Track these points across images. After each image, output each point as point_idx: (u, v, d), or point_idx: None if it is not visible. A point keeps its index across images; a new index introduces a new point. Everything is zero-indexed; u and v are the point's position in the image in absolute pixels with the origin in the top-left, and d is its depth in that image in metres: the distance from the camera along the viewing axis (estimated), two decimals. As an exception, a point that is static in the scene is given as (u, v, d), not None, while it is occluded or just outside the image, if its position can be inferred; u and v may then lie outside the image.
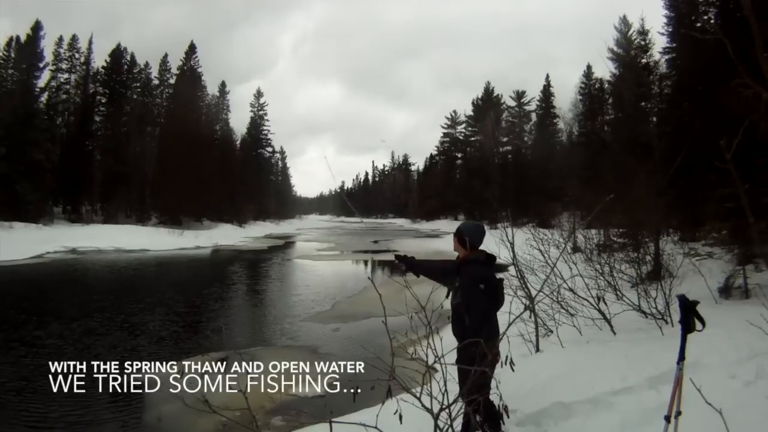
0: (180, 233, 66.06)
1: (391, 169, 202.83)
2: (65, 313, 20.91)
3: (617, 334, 11.58)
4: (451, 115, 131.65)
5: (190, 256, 49.14)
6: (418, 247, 57.14)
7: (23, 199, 64.03)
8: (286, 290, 28.79)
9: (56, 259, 42.64)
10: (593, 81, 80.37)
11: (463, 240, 6.74)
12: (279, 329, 18.76)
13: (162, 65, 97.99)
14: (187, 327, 19.14)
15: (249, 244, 66.32)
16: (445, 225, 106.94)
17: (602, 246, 20.77)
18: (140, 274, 35.64)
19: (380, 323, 15.37)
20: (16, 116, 66.61)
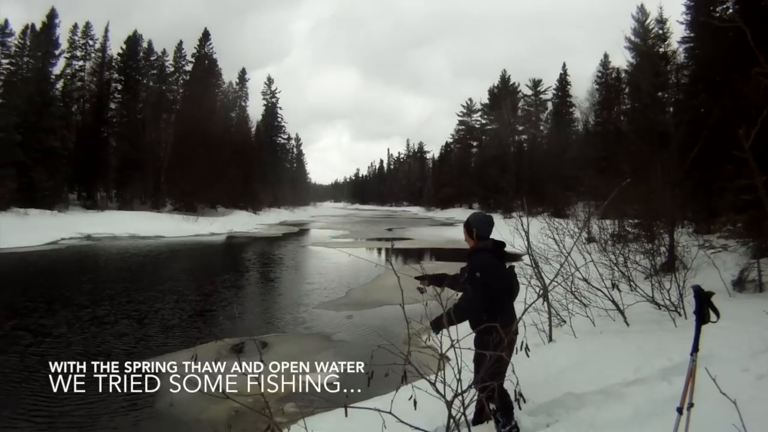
0: (195, 220, 66.46)
1: (407, 156, 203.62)
2: (75, 299, 21.03)
3: (630, 325, 11.60)
4: (467, 103, 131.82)
5: (205, 243, 49.23)
6: (433, 236, 57.70)
7: (39, 186, 64.13)
8: (300, 277, 28.68)
9: (71, 246, 42.75)
10: (610, 70, 79.88)
11: (471, 231, 6.94)
12: (292, 316, 18.66)
13: (177, 52, 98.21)
14: (200, 314, 19.06)
15: (263, 231, 66.30)
16: (460, 213, 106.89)
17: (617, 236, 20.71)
18: (154, 261, 35.64)
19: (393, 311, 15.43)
20: (32, 104, 66.74)
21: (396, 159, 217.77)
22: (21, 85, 69.48)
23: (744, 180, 14.99)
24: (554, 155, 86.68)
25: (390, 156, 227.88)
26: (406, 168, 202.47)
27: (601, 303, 12.14)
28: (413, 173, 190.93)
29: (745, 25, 12.23)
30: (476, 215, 7.05)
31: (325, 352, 13.66)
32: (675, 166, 22.16)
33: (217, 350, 13.35)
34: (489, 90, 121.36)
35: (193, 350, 13.44)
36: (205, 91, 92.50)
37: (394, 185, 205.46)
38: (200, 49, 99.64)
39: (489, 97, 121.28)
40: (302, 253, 42.09)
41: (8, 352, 13.76)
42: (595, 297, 12.24)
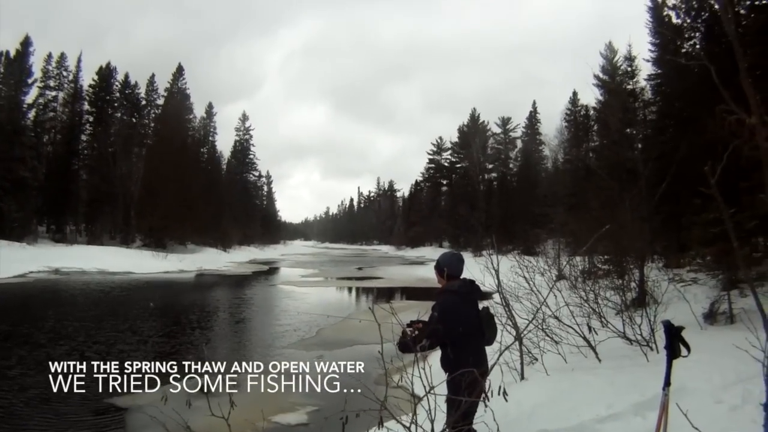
0: (164, 256, 65.80)
1: (377, 195, 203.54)
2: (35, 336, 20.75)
3: (602, 361, 11.61)
4: (437, 142, 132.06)
5: (174, 280, 48.86)
6: (403, 275, 57.79)
7: (8, 217, 63.69)
8: (270, 316, 28.67)
9: (39, 279, 42.59)
10: (579, 108, 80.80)
11: (441, 270, 6.87)
12: (262, 355, 18.40)
13: (149, 86, 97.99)
14: (169, 353, 18.57)
15: (233, 269, 65.98)
16: (430, 252, 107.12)
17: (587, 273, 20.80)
18: (122, 297, 35.21)
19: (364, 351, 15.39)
20: (3, 132, 66.36)
21: (366, 197, 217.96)
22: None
23: (711, 213, 15.19)
24: (524, 193, 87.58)
25: (360, 194, 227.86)
26: (376, 206, 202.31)
27: (573, 340, 12.14)
28: (383, 212, 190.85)
29: (709, 62, 12.38)
30: (446, 255, 7.04)
31: (295, 393, 13.39)
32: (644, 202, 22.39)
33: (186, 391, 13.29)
34: (459, 128, 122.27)
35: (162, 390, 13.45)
36: (177, 125, 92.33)
37: (365, 224, 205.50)
38: (173, 84, 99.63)
39: (459, 135, 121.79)
40: (272, 292, 41.81)
41: None
42: (566, 334, 12.25)
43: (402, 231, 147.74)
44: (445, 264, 6.80)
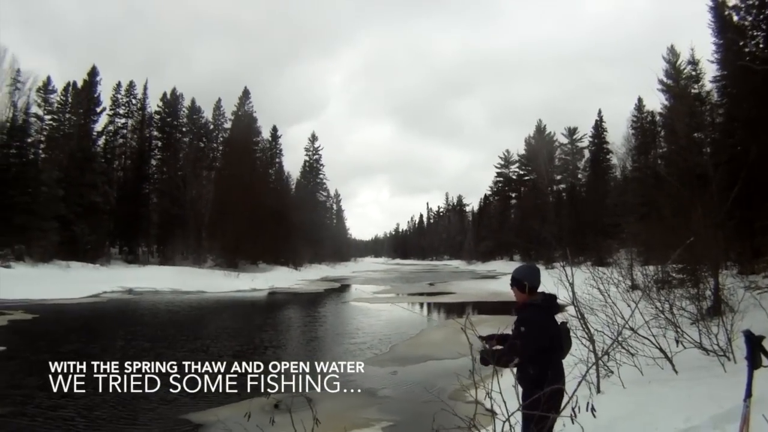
0: (236, 276, 66.01)
1: (446, 210, 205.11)
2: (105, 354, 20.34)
3: (679, 373, 11.28)
4: (504, 155, 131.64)
5: (246, 299, 48.86)
6: (475, 289, 57.42)
7: (81, 240, 65.67)
8: (343, 333, 28.17)
9: (113, 299, 43.03)
10: (645, 114, 79.34)
11: (521, 285, 6.60)
12: (336, 372, 18.01)
13: (216, 110, 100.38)
14: (242, 368, 18.37)
15: (305, 287, 65.49)
16: (501, 266, 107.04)
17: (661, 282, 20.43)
18: (195, 316, 35.48)
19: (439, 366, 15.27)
20: (74, 159, 68.89)
21: (435, 213, 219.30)
22: (63, 140, 72.11)
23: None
24: (594, 203, 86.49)
25: (429, 210, 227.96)
26: (445, 221, 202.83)
27: (649, 351, 11.92)
28: (453, 226, 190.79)
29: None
30: (523, 268, 6.83)
31: (370, 408, 13.46)
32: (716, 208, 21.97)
33: (260, 407, 13.16)
34: (525, 140, 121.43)
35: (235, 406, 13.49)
36: (245, 148, 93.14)
37: (435, 239, 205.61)
38: (240, 107, 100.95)
39: (525, 147, 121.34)
40: (344, 309, 41.51)
41: (29, 414, 13.29)
42: (642, 345, 12.03)
43: (472, 245, 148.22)
44: (524, 278, 6.58)
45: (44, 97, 75.63)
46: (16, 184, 60.17)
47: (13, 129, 63.78)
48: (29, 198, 60.49)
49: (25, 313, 31.44)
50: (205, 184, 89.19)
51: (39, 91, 73.90)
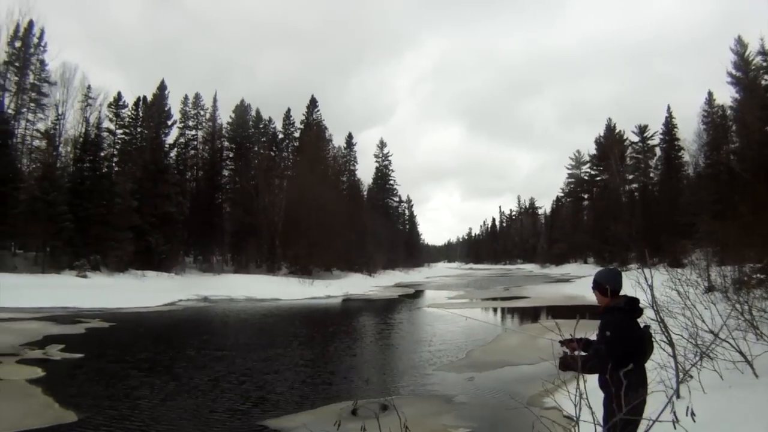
0: (310, 283, 66.35)
1: (518, 213, 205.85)
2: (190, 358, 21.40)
3: (759, 377, 11.11)
4: (575, 155, 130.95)
5: (321, 306, 48.80)
6: (550, 293, 56.90)
7: (156, 250, 67.01)
8: (418, 339, 27.97)
9: (188, 307, 43.22)
10: (716, 108, 77.61)
11: (603, 289, 6.46)
12: (412, 378, 18.03)
13: (285, 119, 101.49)
14: (318, 376, 18.60)
15: (379, 293, 65.56)
16: (575, 269, 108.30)
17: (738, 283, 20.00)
18: (269, 323, 35.43)
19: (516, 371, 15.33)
20: (148, 171, 70.28)
21: (508, 216, 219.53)
22: (136, 153, 74.15)
23: None
24: (667, 202, 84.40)
25: (502, 213, 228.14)
26: (518, 225, 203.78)
27: (729, 355, 11.72)
28: (526, 230, 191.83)
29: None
30: (605, 272, 6.74)
31: (447, 414, 13.11)
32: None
33: (338, 413, 13.14)
34: (595, 140, 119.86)
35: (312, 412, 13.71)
36: (316, 156, 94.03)
37: (508, 243, 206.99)
38: (308, 116, 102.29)
39: (596, 147, 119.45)
40: (419, 315, 41.18)
41: (101, 421, 12.92)
42: (722, 349, 11.84)
43: (545, 248, 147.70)
44: (606, 281, 6.45)
45: (116, 112, 77.67)
46: (91, 196, 61.43)
47: (87, 143, 65.28)
48: (104, 210, 61.73)
49: (102, 322, 31.67)
50: (277, 193, 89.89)
51: (110, 106, 75.99)
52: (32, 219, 54.73)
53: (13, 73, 64.27)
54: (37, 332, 26.09)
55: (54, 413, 13.22)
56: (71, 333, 26.79)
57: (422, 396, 15.39)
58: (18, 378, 16.70)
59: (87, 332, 27.76)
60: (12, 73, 64.14)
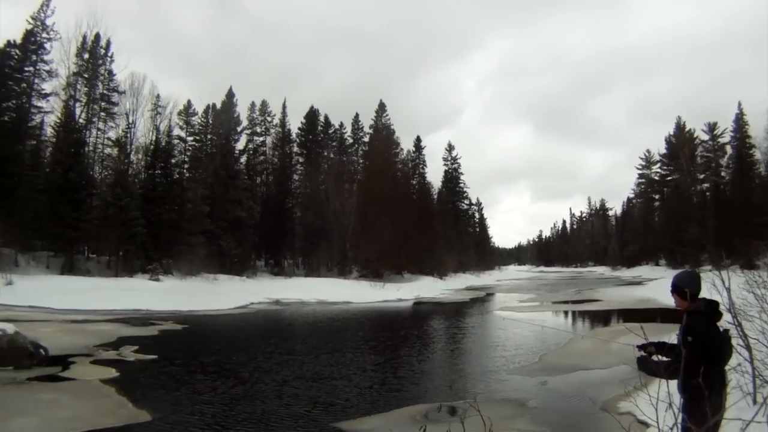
0: (381, 286, 66.32)
1: (588, 215, 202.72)
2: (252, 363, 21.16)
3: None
4: (645, 155, 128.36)
5: (392, 309, 48.83)
6: (621, 296, 55.99)
7: (227, 254, 67.91)
8: (490, 342, 27.79)
9: (260, 310, 43.56)
10: (789, 103, 76.10)
11: (683, 293, 6.28)
12: (484, 382, 17.77)
13: (354, 124, 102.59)
14: (389, 379, 18.54)
15: (450, 296, 65.03)
16: (647, 271, 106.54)
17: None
18: (341, 326, 35.44)
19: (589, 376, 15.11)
20: (218, 177, 71.42)
21: (578, 218, 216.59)
22: (206, 160, 75.67)
23: None
24: (739, 202, 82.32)
25: (572, 215, 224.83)
26: (588, 227, 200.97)
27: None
28: (596, 231, 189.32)
29: None
30: (683, 275, 6.60)
31: (521, 418, 12.94)
32: None
33: (411, 416, 13.32)
34: (665, 138, 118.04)
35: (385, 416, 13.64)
36: (385, 160, 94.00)
37: (578, 245, 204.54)
38: (377, 120, 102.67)
39: (666, 146, 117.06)
40: (490, 319, 40.56)
41: (174, 420, 13.11)
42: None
43: (616, 250, 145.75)
44: (685, 284, 6.23)
45: (186, 119, 79.07)
46: (163, 202, 62.79)
47: (158, 150, 66.64)
48: (176, 215, 63.21)
49: (175, 324, 32.14)
50: (347, 197, 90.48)
51: (180, 114, 77.39)
52: (105, 224, 56.38)
53: (83, 84, 65.60)
54: (110, 334, 26.48)
55: (128, 412, 13.41)
56: (144, 335, 27.19)
57: (495, 400, 15.18)
58: (92, 378, 16.90)
59: (160, 334, 28.13)
60: (82, 84, 65.49)
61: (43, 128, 63.82)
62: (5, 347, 17.49)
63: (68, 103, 63.26)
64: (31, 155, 59.66)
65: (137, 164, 68.58)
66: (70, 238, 55.34)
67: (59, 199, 54.14)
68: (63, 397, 14.46)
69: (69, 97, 63.66)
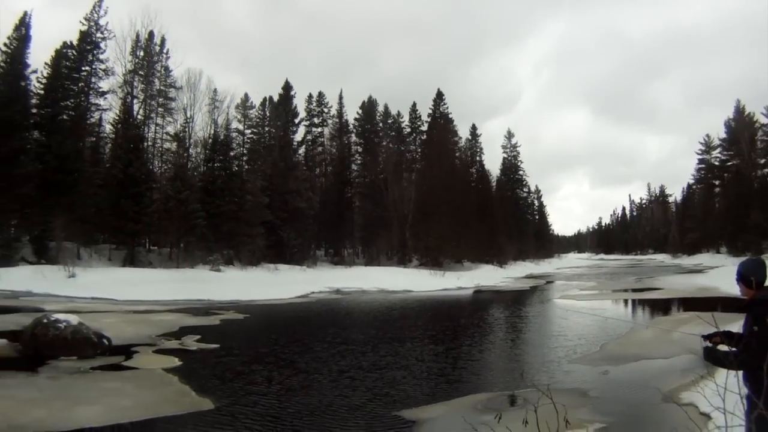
0: (441, 274, 66.24)
1: (648, 201, 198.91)
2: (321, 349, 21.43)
3: None
4: (705, 140, 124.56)
5: (452, 297, 48.77)
6: (682, 284, 55.07)
7: (287, 244, 69.09)
8: (550, 331, 27.78)
9: (321, 299, 43.88)
10: None
11: (748, 281, 6.11)
12: (545, 371, 17.63)
13: (412, 113, 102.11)
14: (449, 367, 18.63)
15: (510, 284, 65.20)
16: (707, 259, 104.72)
17: None
18: (401, 315, 35.42)
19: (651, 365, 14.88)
20: (277, 169, 72.51)
21: (638, 204, 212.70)
22: (265, 152, 76.68)
23: None
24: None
25: (632, 202, 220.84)
26: (648, 214, 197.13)
27: None
28: (656, 219, 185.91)
29: None
30: (748, 263, 6.38)
31: (582, 408, 12.74)
32: None
33: (472, 405, 13.28)
34: (725, 123, 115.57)
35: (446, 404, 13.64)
36: (443, 149, 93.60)
37: (638, 232, 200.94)
38: (435, 109, 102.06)
39: (725, 130, 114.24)
40: (550, 307, 40.41)
41: (236, 410, 13.17)
42: None
43: (677, 238, 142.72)
44: (751, 273, 6.03)
45: (243, 112, 79.42)
46: (223, 194, 63.96)
47: (216, 144, 68.14)
48: (235, 206, 63.96)
49: (237, 313, 32.51)
50: (406, 186, 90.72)
51: (238, 107, 77.76)
52: (166, 217, 57.90)
53: (140, 80, 67.15)
54: (173, 324, 26.81)
55: (190, 401, 13.65)
56: (206, 324, 27.55)
57: (556, 390, 14.37)
58: (155, 367, 17.19)
59: (222, 323, 28.46)
60: (139, 81, 67.07)
61: (101, 125, 65.88)
62: (69, 337, 17.81)
63: (126, 100, 65.19)
64: (91, 152, 61.50)
65: (196, 158, 70.12)
66: (132, 231, 56.85)
67: (120, 194, 55.76)
68: (126, 385, 14.68)
69: (126, 94, 65.51)
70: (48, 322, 18.14)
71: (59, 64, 58.02)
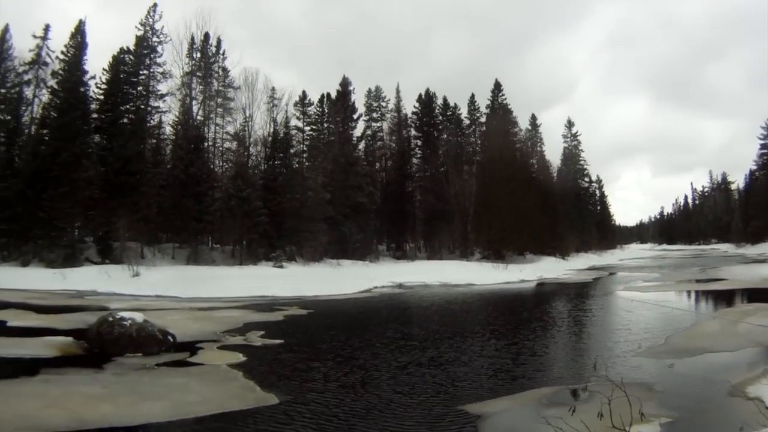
0: (504, 267, 66.33)
1: (710, 189, 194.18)
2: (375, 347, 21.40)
3: None
4: (766, 124, 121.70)
5: (515, 290, 48.92)
6: (746, 275, 54.32)
7: (349, 239, 69.29)
8: (614, 323, 27.61)
9: (384, 294, 43.96)
10: None
11: None
12: (610, 364, 17.41)
13: (470, 105, 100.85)
14: (511, 362, 18.64)
15: (573, 276, 64.96)
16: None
17: None
18: (464, 309, 35.52)
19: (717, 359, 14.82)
20: (337, 164, 73.06)
21: (700, 193, 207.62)
22: (325, 148, 77.27)
23: None
24: None
25: (694, 190, 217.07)
26: (711, 202, 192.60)
27: None
28: (719, 207, 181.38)
29: None
30: None
31: (648, 402, 12.10)
32: None
33: (537, 399, 13.34)
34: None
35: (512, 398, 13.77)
36: (503, 140, 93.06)
37: (701, 222, 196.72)
38: (493, 100, 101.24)
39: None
40: (614, 299, 39.83)
41: (301, 402, 13.43)
42: None
43: (740, 227, 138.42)
44: None
45: (302, 110, 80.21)
46: (284, 191, 64.73)
47: (276, 141, 68.77)
48: (297, 203, 64.67)
49: (300, 309, 32.66)
50: (466, 179, 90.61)
51: (296, 105, 78.80)
52: (228, 215, 58.91)
53: (198, 82, 67.98)
54: (237, 320, 27.06)
55: (255, 396, 13.80)
56: (270, 320, 27.81)
57: (622, 382, 14.83)
58: (220, 363, 17.47)
59: (285, 319, 28.64)
60: (197, 82, 67.91)
61: (162, 127, 66.92)
62: (135, 335, 18.18)
63: (185, 102, 66.34)
64: (153, 153, 62.97)
65: (257, 156, 71.11)
66: (194, 230, 57.96)
67: (182, 193, 57.03)
68: (191, 381, 15.02)
69: (185, 95, 66.58)
70: (113, 320, 18.55)
71: (118, 69, 59.28)
